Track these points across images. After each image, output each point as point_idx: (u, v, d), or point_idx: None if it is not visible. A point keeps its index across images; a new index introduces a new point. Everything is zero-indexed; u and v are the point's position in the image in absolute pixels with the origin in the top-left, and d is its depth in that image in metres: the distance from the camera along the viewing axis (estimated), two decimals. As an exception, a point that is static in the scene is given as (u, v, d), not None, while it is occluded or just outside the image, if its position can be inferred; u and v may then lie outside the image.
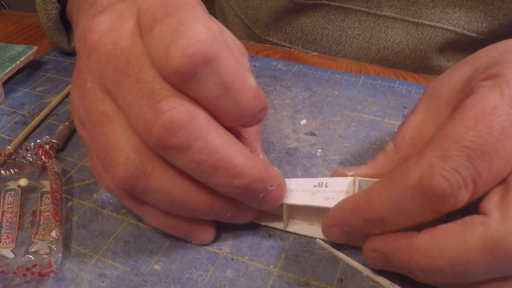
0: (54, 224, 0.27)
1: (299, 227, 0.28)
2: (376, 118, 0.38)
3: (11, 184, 0.32)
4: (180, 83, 0.21)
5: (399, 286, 0.25)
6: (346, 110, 0.40)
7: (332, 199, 0.26)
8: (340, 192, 0.27)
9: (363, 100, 0.41)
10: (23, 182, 0.32)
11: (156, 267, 0.26)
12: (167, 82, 0.22)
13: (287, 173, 0.33)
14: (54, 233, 0.27)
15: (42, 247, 0.27)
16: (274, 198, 0.25)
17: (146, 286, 0.25)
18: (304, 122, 0.38)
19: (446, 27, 0.48)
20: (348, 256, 0.26)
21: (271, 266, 0.26)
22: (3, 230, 0.28)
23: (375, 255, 0.24)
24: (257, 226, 0.29)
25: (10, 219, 0.29)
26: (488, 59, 0.24)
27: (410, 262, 0.22)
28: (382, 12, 0.49)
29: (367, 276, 0.25)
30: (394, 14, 0.49)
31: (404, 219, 0.22)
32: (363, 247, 0.24)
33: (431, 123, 0.25)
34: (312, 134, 0.37)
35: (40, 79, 0.46)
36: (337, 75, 0.45)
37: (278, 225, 0.28)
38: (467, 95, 0.22)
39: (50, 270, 0.25)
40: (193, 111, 0.21)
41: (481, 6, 0.46)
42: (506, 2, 0.45)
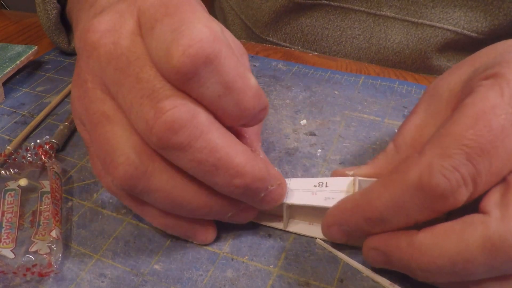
0: (54, 224, 0.27)
1: (299, 227, 0.28)
2: (376, 118, 0.38)
3: (11, 184, 0.32)
4: (181, 82, 0.21)
5: (399, 286, 0.25)
6: (346, 110, 0.40)
7: (332, 199, 0.26)
8: (340, 192, 0.27)
9: (363, 100, 0.41)
10: (23, 182, 0.32)
11: (156, 267, 0.26)
12: (167, 81, 0.22)
13: (287, 173, 0.33)
14: (54, 233, 0.27)
15: (42, 247, 0.27)
16: (275, 198, 0.25)
17: (146, 286, 0.25)
18: (304, 122, 0.38)
19: (446, 27, 0.48)
20: (348, 256, 0.26)
21: (271, 266, 0.26)
22: (3, 230, 0.28)
23: (375, 254, 0.24)
24: (257, 226, 0.29)
25: (10, 219, 0.29)
26: (488, 59, 0.24)
27: (410, 261, 0.22)
28: (382, 12, 0.49)
29: (367, 276, 0.25)
30: (394, 14, 0.49)
31: (404, 218, 0.22)
32: (363, 245, 0.24)
33: (431, 124, 0.25)
34: (312, 134, 0.37)
35: (40, 79, 0.46)
36: (337, 75, 0.45)
37: (278, 225, 0.28)
38: (467, 95, 0.22)
39: (50, 270, 0.25)
40: (194, 111, 0.21)
41: (481, 6, 0.46)
42: (506, 2, 0.45)
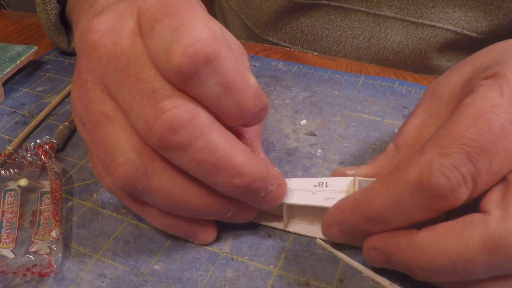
0: (54, 224, 0.27)
1: (299, 227, 0.28)
2: (376, 118, 0.38)
3: (11, 184, 0.32)
4: (181, 82, 0.21)
5: (399, 286, 0.25)
6: (346, 110, 0.40)
7: (332, 199, 0.26)
8: (340, 192, 0.27)
9: (363, 100, 0.41)
10: (23, 182, 0.32)
11: (156, 267, 0.26)
12: (167, 81, 0.22)
13: (287, 173, 0.33)
14: (54, 233, 0.27)
15: (42, 247, 0.27)
16: (275, 198, 0.25)
17: (146, 286, 0.25)
18: (304, 122, 0.38)
19: (446, 27, 0.48)
20: (348, 256, 0.26)
21: (271, 266, 0.26)
22: (3, 230, 0.28)
23: (375, 253, 0.24)
24: (257, 226, 0.29)
25: (10, 219, 0.29)
26: (488, 59, 0.24)
27: (410, 260, 0.22)
28: (381, 12, 0.49)
29: (367, 276, 0.25)
30: (393, 14, 0.49)
31: (404, 217, 0.22)
32: (364, 245, 0.24)
33: (431, 124, 0.25)
34: (312, 134, 0.37)
35: (40, 79, 0.46)
36: (337, 75, 0.45)
37: (278, 225, 0.28)
38: (467, 95, 0.22)
39: (50, 270, 0.25)
40: (194, 110, 0.21)
41: (480, 6, 0.46)
42: (506, 2, 0.45)
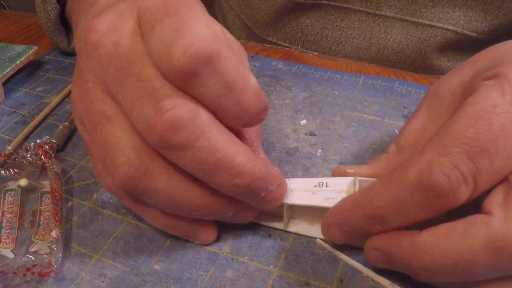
0: (54, 224, 0.27)
1: (300, 227, 0.28)
2: (376, 118, 0.38)
3: (11, 184, 0.32)
4: (182, 82, 0.21)
5: (399, 286, 0.25)
6: (346, 110, 0.40)
7: (333, 199, 0.26)
8: (341, 192, 0.27)
9: (363, 100, 0.41)
10: (23, 182, 0.32)
11: (156, 267, 0.26)
12: (168, 81, 0.22)
13: (287, 173, 0.33)
14: (54, 233, 0.27)
15: (42, 247, 0.27)
16: (275, 198, 0.25)
17: (146, 286, 0.25)
18: (304, 122, 0.38)
19: (445, 26, 0.48)
20: (348, 256, 0.26)
21: (271, 266, 0.26)
22: (3, 230, 0.28)
23: (376, 254, 0.24)
24: (257, 226, 0.29)
25: (10, 219, 0.29)
26: (489, 60, 0.24)
27: (411, 261, 0.22)
28: (381, 12, 0.49)
29: (367, 276, 0.25)
30: (393, 14, 0.49)
31: (404, 217, 0.22)
32: (365, 245, 0.24)
33: (433, 126, 0.25)
34: (312, 134, 0.37)
35: (40, 79, 0.46)
36: (337, 75, 0.45)
37: (279, 225, 0.28)
38: (468, 95, 0.22)
39: (50, 270, 0.25)
40: (195, 110, 0.21)
41: (480, 6, 0.46)
42: (506, 2, 0.45)
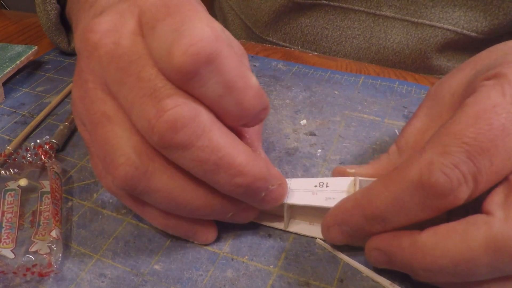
0: (54, 224, 0.27)
1: (300, 227, 0.28)
2: (376, 118, 0.38)
3: (11, 184, 0.32)
4: (183, 82, 0.21)
5: (399, 286, 0.25)
6: (346, 110, 0.40)
7: (333, 199, 0.26)
8: (341, 192, 0.27)
9: (363, 100, 0.41)
10: (23, 182, 0.32)
11: (156, 267, 0.26)
12: (169, 81, 0.22)
13: (287, 173, 0.33)
14: (54, 233, 0.27)
15: (42, 247, 0.27)
16: (275, 198, 0.25)
17: (146, 286, 0.25)
18: (304, 122, 0.38)
19: (445, 26, 0.48)
20: (348, 256, 0.26)
21: (271, 266, 0.26)
22: (3, 230, 0.28)
23: (377, 254, 0.24)
24: (257, 226, 0.29)
25: (10, 219, 0.29)
26: (490, 61, 0.24)
27: (412, 261, 0.22)
28: (381, 12, 0.49)
29: (367, 276, 0.25)
30: (393, 14, 0.49)
31: (404, 216, 0.22)
32: (366, 246, 0.24)
33: (433, 127, 0.25)
34: (312, 134, 0.37)
35: (40, 79, 0.46)
36: (337, 75, 0.45)
37: (279, 225, 0.28)
38: (468, 95, 0.22)
39: (50, 270, 0.25)
40: (195, 109, 0.21)
41: (480, 6, 0.46)
42: (506, 2, 0.45)
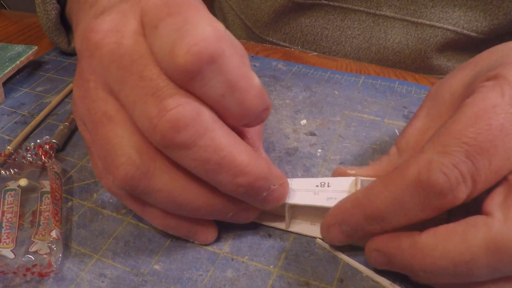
0: (54, 224, 0.27)
1: (301, 227, 0.28)
2: (376, 118, 0.38)
3: (11, 184, 0.32)
4: (185, 81, 0.21)
5: (399, 286, 0.25)
6: (346, 110, 0.40)
7: (334, 199, 0.26)
8: (342, 192, 0.26)
9: (363, 100, 0.41)
10: (23, 182, 0.32)
11: (156, 267, 0.26)
12: (171, 80, 0.22)
13: (287, 173, 0.33)
14: (54, 233, 0.27)
15: (42, 247, 0.27)
16: (277, 197, 0.25)
17: (146, 286, 0.25)
18: (304, 122, 0.38)
19: (445, 26, 0.48)
20: (348, 256, 0.26)
21: (271, 266, 0.26)
22: (3, 230, 0.28)
23: (377, 255, 0.24)
24: (257, 226, 0.29)
25: (10, 219, 0.29)
26: (490, 62, 0.24)
27: (412, 262, 0.22)
28: (381, 12, 0.49)
29: (367, 276, 0.25)
30: (393, 14, 0.49)
31: (404, 216, 0.22)
32: (366, 247, 0.24)
33: (433, 127, 0.25)
34: (312, 134, 0.37)
35: (40, 79, 0.46)
36: (337, 75, 0.45)
37: (280, 225, 0.28)
38: (468, 96, 0.22)
39: (50, 270, 0.25)
40: (198, 109, 0.21)
41: (480, 6, 0.46)
42: (506, 1, 0.45)
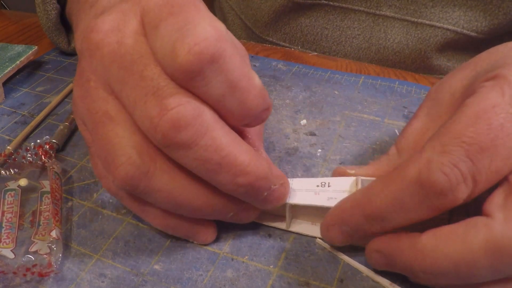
0: (54, 224, 0.27)
1: (302, 227, 0.28)
2: (376, 118, 0.38)
3: (11, 184, 0.32)
4: (186, 81, 0.21)
5: (399, 286, 0.25)
6: (346, 110, 0.40)
7: (335, 199, 0.26)
8: (343, 192, 0.26)
9: (363, 100, 0.41)
10: (23, 182, 0.32)
11: (156, 267, 0.26)
12: (172, 80, 0.22)
13: (287, 173, 0.33)
14: (54, 233, 0.27)
15: (42, 247, 0.27)
16: (277, 197, 0.25)
17: (146, 286, 0.25)
18: (304, 122, 0.38)
19: (445, 26, 0.48)
20: (348, 256, 0.26)
21: (271, 266, 0.26)
22: (3, 230, 0.28)
23: (377, 256, 0.24)
24: (257, 226, 0.29)
25: (10, 219, 0.29)
26: (490, 62, 0.24)
27: (412, 263, 0.22)
28: (381, 12, 0.49)
29: (367, 276, 0.25)
30: (393, 14, 0.49)
31: (404, 216, 0.22)
32: (366, 248, 0.24)
33: (433, 127, 0.25)
34: (312, 134, 0.37)
35: (40, 79, 0.46)
36: (337, 75, 0.45)
37: (281, 225, 0.28)
38: (468, 96, 0.22)
39: (50, 270, 0.25)
40: (199, 109, 0.21)
41: (480, 5, 0.46)
42: (506, 1, 0.45)
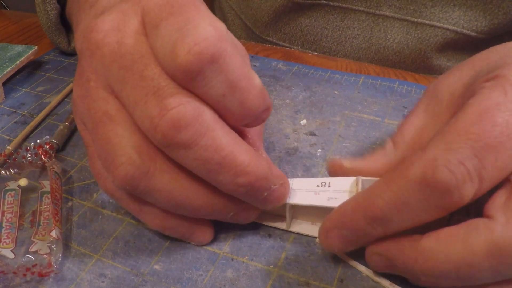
0: (54, 224, 0.27)
1: (302, 227, 0.28)
2: (376, 118, 0.38)
3: (11, 184, 0.32)
4: (186, 81, 0.21)
5: (399, 286, 0.25)
6: (346, 110, 0.40)
7: (335, 199, 0.26)
8: (343, 192, 0.26)
9: (363, 100, 0.41)
10: (23, 182, 0.32)
11: (156, 267, 0.26)
12: (172, 80, 0.22)
13: (287, 173, 0.33)
14: (54, 233, 0.27)
15: (42, 247, 0.27)
16: (278, 197, 0.25)
17: (146, 286, 0.25)
18: (304, 122, 0.38)
19: (445, 26, 0.48)
20: (348, 256, 0.26)
21: (271, 266, 0.26)
22: (3, 230, 0.28)
23: (378, 259, 0.23)
24: (257, 226, 0.29)
25: (10, 219, 0.29)
26: (490, 62, 0.24)
27: (413, 266, 0.21)
28: (381, 12, 0.49)
29: (367, 276, 0.25)
30: (393, 14, 0.49)
31: (407, 217, 0.21)
32: (366, 250, 0.24)
33: (431, 125, 0.25)
34: (312, 134, 0.37)
35: (40, 79, 0.46)
36: (337, 75, 0.45)
37: (281, 225, 0.28)
38: (469, 97, 0.22)
39: (50, 270, 0.25)
40: (199, 108, 0.21)
41: (480, 5, 0.46)
42: (506, 1, 0.45)
